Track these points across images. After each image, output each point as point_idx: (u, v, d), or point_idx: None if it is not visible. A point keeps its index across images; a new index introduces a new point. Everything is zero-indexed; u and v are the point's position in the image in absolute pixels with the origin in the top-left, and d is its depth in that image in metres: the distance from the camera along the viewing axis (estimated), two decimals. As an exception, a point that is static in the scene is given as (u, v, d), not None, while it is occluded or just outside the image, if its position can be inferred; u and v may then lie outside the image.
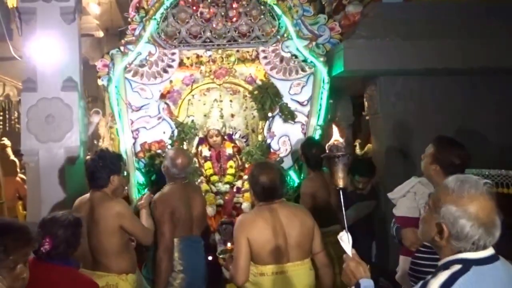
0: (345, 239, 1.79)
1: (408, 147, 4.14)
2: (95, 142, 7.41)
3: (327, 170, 3.77)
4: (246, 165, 4.32)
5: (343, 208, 1.85)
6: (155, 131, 4.33)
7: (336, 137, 1.95)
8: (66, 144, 3.87)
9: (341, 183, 1.88)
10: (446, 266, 1.53)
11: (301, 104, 4.34)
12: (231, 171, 4.32)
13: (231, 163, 4.33)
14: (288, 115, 4.31)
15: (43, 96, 3.88)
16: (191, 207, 3.34)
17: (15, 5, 4.20)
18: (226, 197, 4.26)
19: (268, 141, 4.34)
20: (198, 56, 4.38)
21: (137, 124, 4.32)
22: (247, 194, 4.25)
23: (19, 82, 4.91)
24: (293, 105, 4.34)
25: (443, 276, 1.48)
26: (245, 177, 4.29)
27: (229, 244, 3.17)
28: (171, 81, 4.41)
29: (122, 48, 4.29)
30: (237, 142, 4.47)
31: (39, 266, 2.25)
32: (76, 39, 4.07)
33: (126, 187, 3.98)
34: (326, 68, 4.26)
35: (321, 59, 4.25)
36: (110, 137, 4.43)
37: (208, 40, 4.32)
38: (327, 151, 1.92)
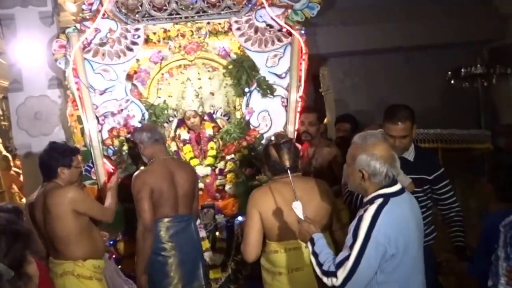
0: (298, 206, 2.22)
1: (356, 116, 4.79)
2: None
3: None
4: (228, 144, 4.05)
5: (293, 185, 2.29)
6: (123, 115, 3.95)
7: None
8: (56, 137, 4.05)
9: (287, 163, 2.34)
10: (372, 201, 2.05)
11: (279, 76, 4.08)
12: (212, 152, 4.03)
13: (211, 144, 4.05)
14: (267, 89, 4.05)
15: (30, 94, 4.20)
16: (175, 184, 3.22)
17: (-6, 11, 4.33)
18: (208, 180, 4.00)
19: (247, 117, 4.08)
20: (165, 31, 4.00)
21: (102, 109, 3.93)
22: (230, 175, 4.01)
23: (1, 80, 5.02)
24: (271, 78, 4.07)
25: (372, 208, 2.00)
26: (228, 157, 4.04)
27: None
28: (137, 60, 4.01)
29: (78, 25, 3.86)
30: (218, 121, 4.17)
31: None
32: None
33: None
34: (304, 37, 4.03)
35: (298, 27, 4.00)
36: (70, 126, 4.04)
37: (175, 13, 3.94)
38: (273, 140, 2.43)
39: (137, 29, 3.94)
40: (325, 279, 2.03)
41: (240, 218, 3.80)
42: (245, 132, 4.04)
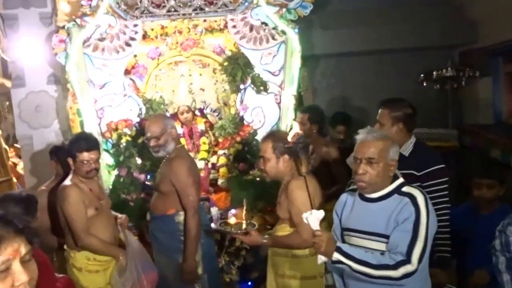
0: (316, 217, 2.10)
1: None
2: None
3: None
4: (220, 140, 4.18)
5: (309, 191, 2.29)
6: (121, 109, 4.08)
7: (296, 129, 2.44)
8: (55, 129, 4.51)
9: (304, 170, 2.30)
10: (399, 189, 2.17)
11: (273, 74, 4.19)
12: (204, 147, 4.16)
13: (204, 139, 4.17)
14: (261, 86, 4.17)
15: (31, 90, 4.50)
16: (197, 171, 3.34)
17: (-2, 12, 4.64)
18: (202, 174, 4.12)
19: (241, 113, 4.20)
20: (163, 27, 4.10)
21: (101, 102, 4.05)
22: (222, 170, 4.14)
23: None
24: (265, 76, 4.18)
25: (419, 193, 2.14)
26: (220, 152, 4.16)
27: (233, 219, 3.05)
28: (135, 56, 4.13)
29: (78, 20, 3.96)
30: (208, 116, 4.29)
31: None
32: (54, 38, 4.44)
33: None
34: (297, 36, 4.13)
35: (292, 25, 4.09)
36: (69, 118, 4.17)
37: (173, 9, 4.03)
38: (292, 142, 2.35)
39: (135, 25, 4.04)
40: (391, 273, 2.02)
41: (233, 211, 3.94)
42: (238, 127, 4.16)
